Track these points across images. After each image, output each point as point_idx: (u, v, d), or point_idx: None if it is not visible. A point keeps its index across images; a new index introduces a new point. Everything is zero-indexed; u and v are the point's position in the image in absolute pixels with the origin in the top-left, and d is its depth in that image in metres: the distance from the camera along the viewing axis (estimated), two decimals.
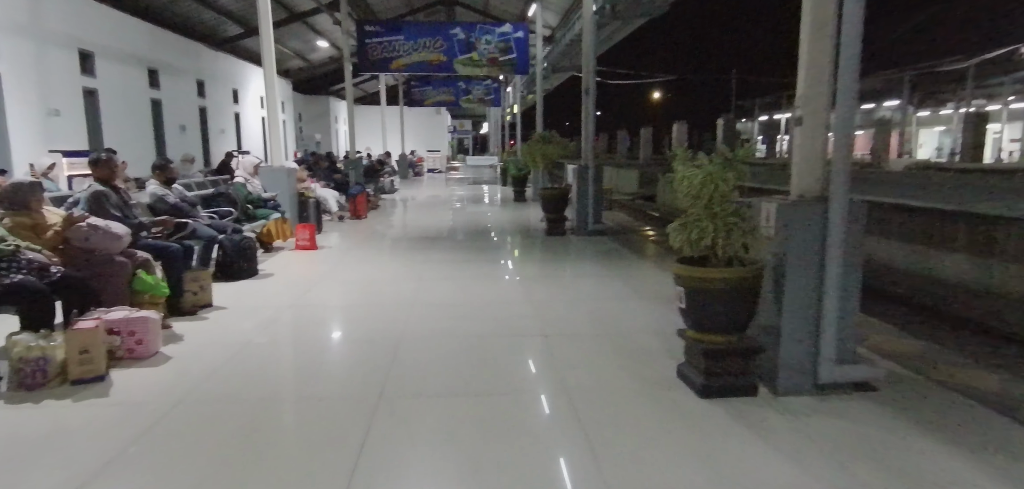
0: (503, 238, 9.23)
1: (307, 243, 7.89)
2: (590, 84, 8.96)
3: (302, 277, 6.34)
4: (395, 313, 4.92)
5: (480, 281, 6.22)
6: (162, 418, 2.97)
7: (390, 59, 14.77)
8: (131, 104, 10.51)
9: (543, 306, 5.15)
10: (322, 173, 12.57)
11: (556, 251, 8.02)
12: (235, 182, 7.70)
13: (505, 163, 20.64)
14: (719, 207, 3.13)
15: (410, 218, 12.25)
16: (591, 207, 9.04)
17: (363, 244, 8.70)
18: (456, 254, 7.88)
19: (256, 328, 4.52)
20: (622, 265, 7.00)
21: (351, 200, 11.39)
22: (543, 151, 8.93)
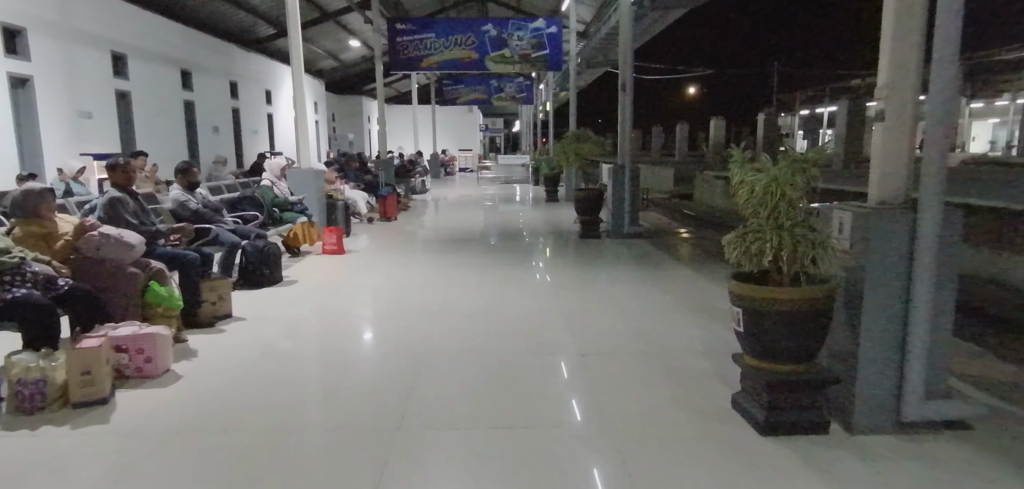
0: (535, 240, 8.87)
1: (334, 247, 7.68)
2: (627, 79, 8.52)
3: (326, 284, 6.10)
4: (420, 325, 4.62)
5: (510, 287, 5.88)
6: (157, 449, 2.72)
7: (421, 57, 14.57)
8: (164, 106, 10.53)
9: (578, 318, 4.77)
10: (352, 174, 12.42)
11: (590, 255, 7.62)
12: (261, 185, 7.54)
13: (537, 162, 20.26)
14: (786, 217, 2.70)
15: (440, 219, 12.00)
16: (627, 208, 8.60)
17: (391, 247, 8.46)
18: (486, 258, 7.55)
19: (272, 343, 4.27)
20: (662, 271, 6.56)
21: (381, 201, 11.20)
22: (577, 150, 8.53)
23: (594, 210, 8.74)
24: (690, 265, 6.88)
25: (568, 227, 10.01)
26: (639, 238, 8.63)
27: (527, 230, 9.99)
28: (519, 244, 8.66)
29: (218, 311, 4.71)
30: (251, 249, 5.81)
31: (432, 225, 11.16)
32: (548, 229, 10.07)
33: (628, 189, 8.57)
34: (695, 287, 5.81)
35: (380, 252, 8.08)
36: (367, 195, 11.46)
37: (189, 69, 11.37)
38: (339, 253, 7.67)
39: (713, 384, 3.40)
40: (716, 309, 4.92)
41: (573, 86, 14.35)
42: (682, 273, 6.47)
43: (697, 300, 5.26)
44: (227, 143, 12.99)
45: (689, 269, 6.65)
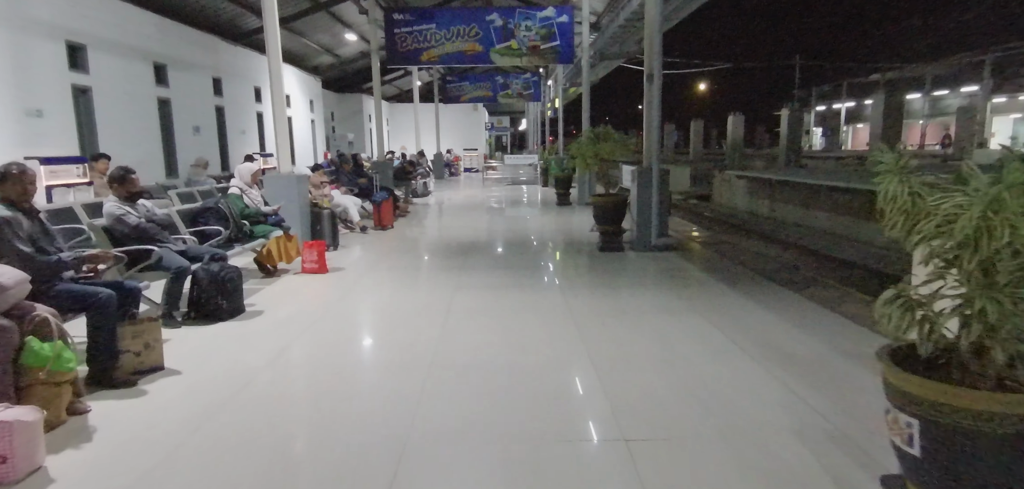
0: (549, 254, 7.75)
1: (315, 265, 6.59)
2: (654, 68, 7.38)
3: (296, 316, 5.01)
4: (406, 385, 3.51)
5: (524, 319, 4.77)
6: None
7: (421, 50, 13.48)
8: (133, 103, 9.47)
9: (614, 369, 3.65)
10: (346, 178, 11.34)
11: (616, 274, 6.50)
12: (229, 194, 6.46)
13: (546, 161, 19.13)
14: (1008, 272, 1.57)
15: (442, 227, 10.90)
16: (655, 217, 7.47)
17: (383, 263, 7.36)
18: (493, 276, 6.44)
19: (206, 411, 3.17)
20: (706, 296, 5.43)
21: (375, 208, 10.11)
22: (596, 150, 7.41)
23: (616, 219, 7.62)
24: (737, 286, 5.74)
25: (584, 237, 8.89)
26: (669, 251, 7.50)
27: (539, 240, 8.87)
28: (531, 259, 7.54)
29: (144, 362, 3.63)
30: (204, 274, 4.73)
31: (432, 234, 10.06)
32: (562, 239, 8.95)
33: (656, 195, 7.44)
34: (752, 318, 4.68)
35: (370, 270, 6.98)
36: (360, 201, 10.38)
37: (164, 63, 10.31)
38: (321, 272, 6.58)
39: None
40: (787, 354, 3.80)
41: (586, 80, 13.21)
42: (731, 298, 5.33)
43: (759, 337, 4.14)
44: (210, 144, 11.94)
45: (738, 293, 5.51)
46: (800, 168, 20.23)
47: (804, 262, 9.85)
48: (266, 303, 5.35)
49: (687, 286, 5.82)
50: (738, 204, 18.01)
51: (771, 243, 11.66)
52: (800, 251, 10.63)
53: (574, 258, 7.49)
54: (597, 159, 7.53)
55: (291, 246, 6.61)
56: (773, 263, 8.37)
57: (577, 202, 13.47)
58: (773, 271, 6.75)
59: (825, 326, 4.43)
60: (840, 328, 4.35)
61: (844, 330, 4.30)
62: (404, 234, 9.75)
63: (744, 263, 7.07)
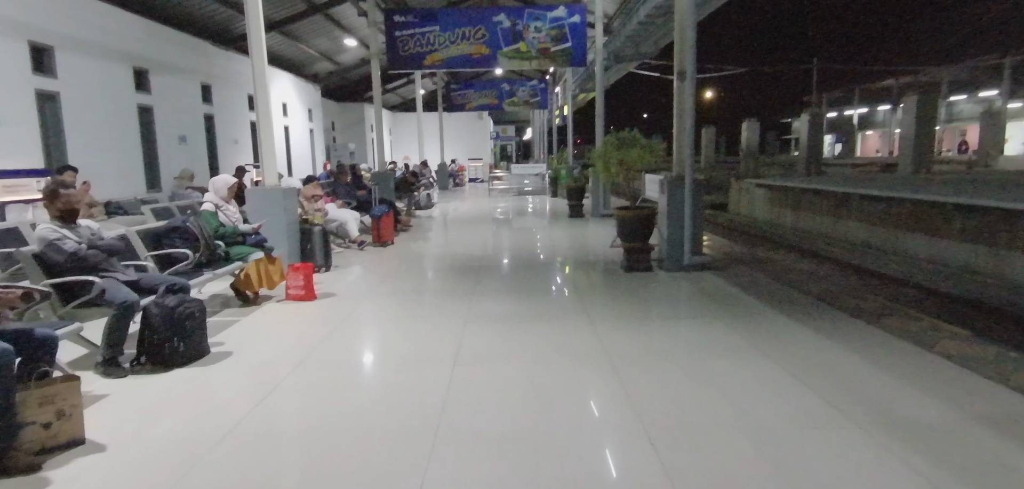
0: (569, 276, 6.86)
1: (301, 291, 5.72)
2: (686, 63, 6.51)
3: (270, 361, 4.12)
4: (403, 467, 2.62)
5: (549, 364, 3.87)
6: None
7: (424, 54, 12.65)
8: (109, 111, 8.67)
9: (676, 448, 2.74)
10: (343, 190, 10.50)
11: (650, 300, 5.59)
12: (202, 211, 5.60)
13: (555, 171, 18.27)
14: None
15: (448, 243, 10.02)
16: (689, 233, 6.57)
17: (381, 287, 6.48)
18: (507, 305, 5.55)
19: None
20: (766, 330, 4.51)
21: (375, 222, 9.25)
22: (621, 157, 6.53)
23: (643, 235, 6.72)
24: (799, 316, 4.82)
25: (604, 253, 8.00)
26: (704, 271, 6.60)
27: (555, 258, 7.98)
28: (549, 280, 6.65)
29: (56, 437, 2.76)
30: (157, 310, 3.86)
31: (437, 251, 9.18)
32: (581, 256, 8.06)
33: (690, 207, 6.54)
34: (836, 363, 3.77)
35: (365, 297, 6.09)
36: (359, 215, 9.52)
37: (145, 67, 9.51)
38: (308, 299, 5.71)
39: None
40: (904, 421, 2.89)
41: (601, 82, 12.34)
42: (798, 334, 4.42)
43: (855, 392, 3.23)
44: (198, 155, 11.14)
45: (804, 326, 4.60)
46: (820, 175, 19.31)
47: (850, 279, 8.91)
48: (238, 342, 4.47)
49: (738, 316, 4.91)
50: (757, 214, 17.08)
51: (807, 256, 10.71)
52: (840, 266, 9.68)
53: (598, 279, 6.59)
54: (622, 167, 6.64)
55: (274, 270, 5.75)
56: (826, 283, 7.45)
57: (591, 213, 12.59)
58: (833, 294, 5.84)
59: (934, 375, 3.51)
60: (957, 379, 3.43)
61: (962, 381, 3.38)
62: (406, 251, 8.88)
63: (794, 284, 6.16)
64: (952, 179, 14.39)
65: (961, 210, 9.25)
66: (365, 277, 7.02)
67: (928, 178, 14.04)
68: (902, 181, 13.74)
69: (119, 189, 8.37)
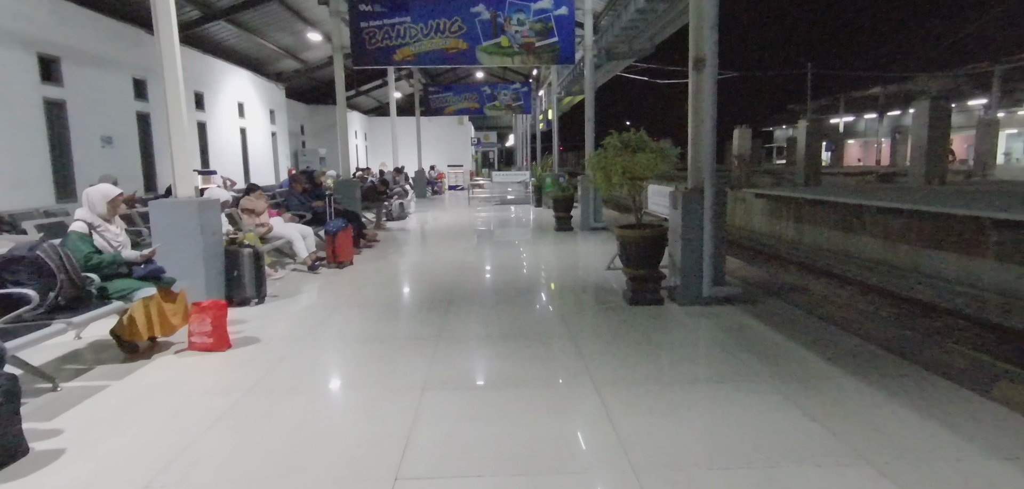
0: (559, 311, 5.54)
1: (209, 340, 4.32)
2: (706, 49, 5.26)
3: (123, 467, 2.73)
4: None
5: (537, 477, 2.54)
6: None
7: (393, 48, 11.30)
8: (2, 105, 7.16)
9: None
10: (296, 201, 9.08)
11: (671, 350, 4.29)
12: (69, 233, 4.18)
13: (539, 179, 17.00)
14: None
15: (416, 263, 8.65)
16: (709, 259, 5.31)
17: (318, 331, 5.08)
18: (483, 359, 4.21)
19: None
20: (831, 398, 3.24)
21: (329, 240, 7.84)
22: (626, 165, 5.23)
23: (652, 259, 5.44)
24: (877, 380, 3.56)
25: (600, 277, 6.72)
26: (727, 304, 5.34)
27: (542, 285, 6.66)
28: (534, 319, 5.32)
29: None
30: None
31: (402, 274, 7.81)
32: (572, 281, 6.75)
33: (711, 227, 5.28)
34: (970, 470, 2.49)
35: (294, 344, 4.69)
36: (311, 230, 8.12)
37: (55, 55, 8.01)
38: (218, 348, 4.32)
39: None
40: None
41: (590, 83, 11.09)
42: (888, 410, 3.14)
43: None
44: (128, 159, 9.63)
45: (890, 396, 3.32)
46: (817, 184, 18.32)
47: (907, 313, 7.74)
48: (82, 429, 3.07)
49: (790, 376, 3.64)
50: (756, 226, 15.99)
51: (825, 277, 9.52)
52: (862, 288, 8.50)
53: (596, 318, 5.27)
54: (625, 177, 5.35)
55: (173, 309, 4.34)
56: (881, 321, 6.22)
57: (580, 227, 11.32)
58: (904, 343, 4.59)
59: None
60: None
61: None
62: (365, 274, 7.49)
63: (846, 325, 4.91)
64: (969, 191, 13.40)
65: (1001, 226, 8.15)
66: (304, 313, 5.63)
67: (941, 189, 13.03)
68: (917, 193, 12.69)
69: (10, 199, 6.87)
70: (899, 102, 39.40)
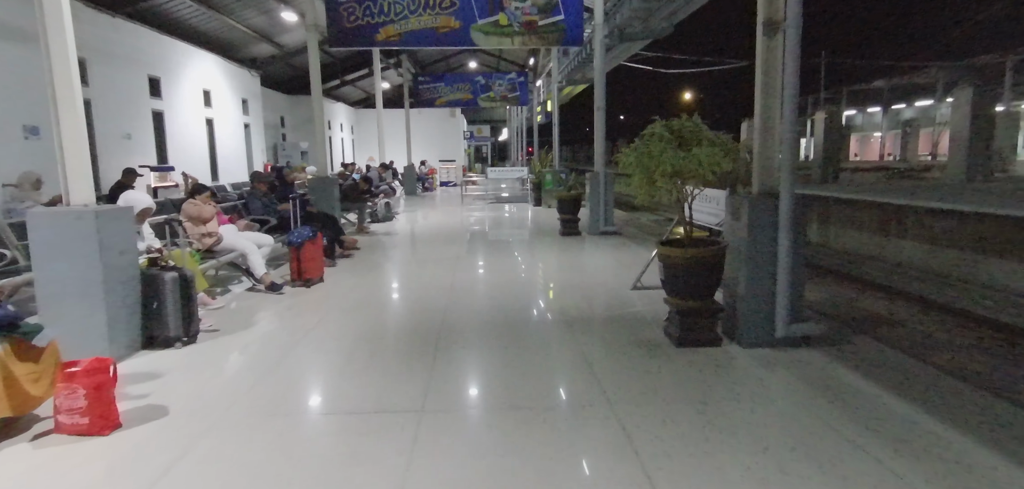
0: (588, 356, 4.18)
1: (83, 419, 2.94)
2: (784, 9, 3.92)
3: None
4: None
5: None
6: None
7: (376, 27, 9.90)
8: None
9: None
10: (257, 204, 7.67)
11: (749, 427, 2.94)
12: None
13: (539, 176, 15.64)
14: None
15: (399, 281, 7.28)
16: (786, 289, 3.97)
17: (253, 394, 3.68)
18: (487, 452, 2.85)
19: None
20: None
21: (293, 253, 6.44)
22: (678, 163, 3.85)
23: (707, 288, 4.11)
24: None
25: (626, 299, 5.39)
26: (805, 345, 4.02)
27: (555, 311, 5.30)
28: (550, 368, 3.96)
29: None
30: None
31: (380, 296, 6.44)
32: (594, 306, 5.40)
33: (787, 246, 3.94)
34: None
35: (214, 422, 3.29)
36: (271, 240, 6.74)
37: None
38: (99, 431, 2.94)
39: None
40: None
41: (600, 68, 9.71)
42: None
43: None
44: None
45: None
46: (835, 181, 17.08)
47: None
48: None
49: (939, 473, 2.32)
50: None
51: (893, 297, 8.17)
52: (953, 313, 7.17)
53: (639, 370, 3.92)
54: (674, 179, 3.99)
55: (34, 374, 2.97)
56: (992, 359, 4.90)
57: (589, 231, 9.98)
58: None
59: None
60: None
61: None
62: (335, 297, 6.11)
63: (968, 375, 3.60)
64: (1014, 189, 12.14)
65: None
66: (243, 363, 4.24)
67: (988, 187, 11.76)
68: (970, 192, 11.40)
69: None
70: (902, 95, 38.40)
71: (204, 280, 4.80)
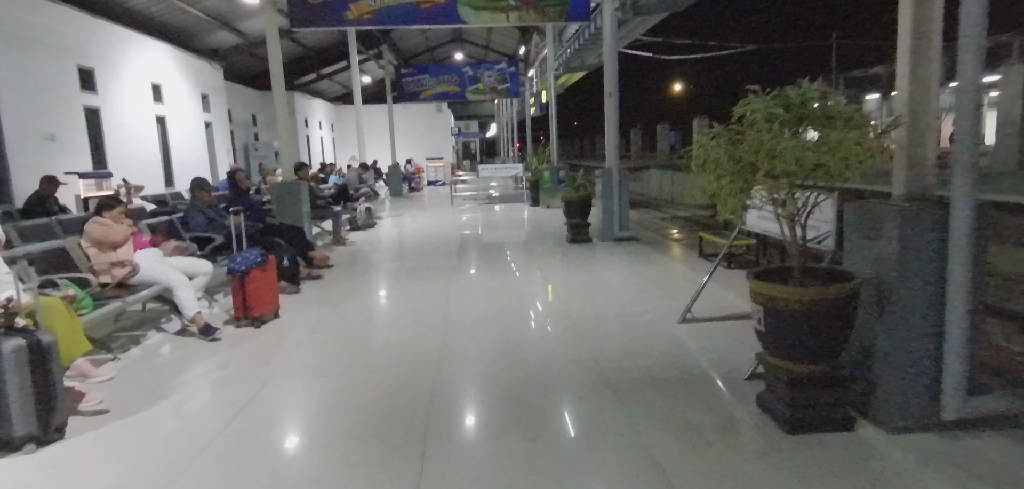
0: (643, 440, 2.74)
1: None
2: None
3: None
4: None
5: None
6: None
7: (345, 2, 8.38)
8: None
9: None
10: (200, 218, 6.16)
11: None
12: None
13: (535, 173, 14.19)
14: None
15: (379, 310, 5.83)
16: (958, 347, 2.56)
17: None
18: None
19: None
20: None
21: (236, 284, 4.94)
22: (803, 154, 2.41)
23: (832, 342, 2.69)
24: None
25: (676, 337, 3.97)
26: (987, 427, 2.62)
27: (588, 363, 3.84)
28: (605, 478, 2.51)
29: None
30: None
31: (353, 341, 4.96)
32: (642, 358, 3.94)
33: (965, 278, 2.52)
34: None
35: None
36: (211, 267, 5.24)
37: None
38: None
39: None
40: None
41: (611, 44, 8.27)
42: None
43: None
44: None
45: None
46: None
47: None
48: None
49: None
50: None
51: None
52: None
53: (734, 470, 2.50)
54: (792, 179, 2.56)
55: None
56: None
57: (601, 237, 8.56)
58: None
59: None
60: None
61: None
62: (289, 346, 4.63)
63: None
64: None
65: None
66: (123, 483, 2.75)
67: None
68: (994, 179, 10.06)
69: None
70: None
71: (85, 340, 3.31)
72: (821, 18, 65.07)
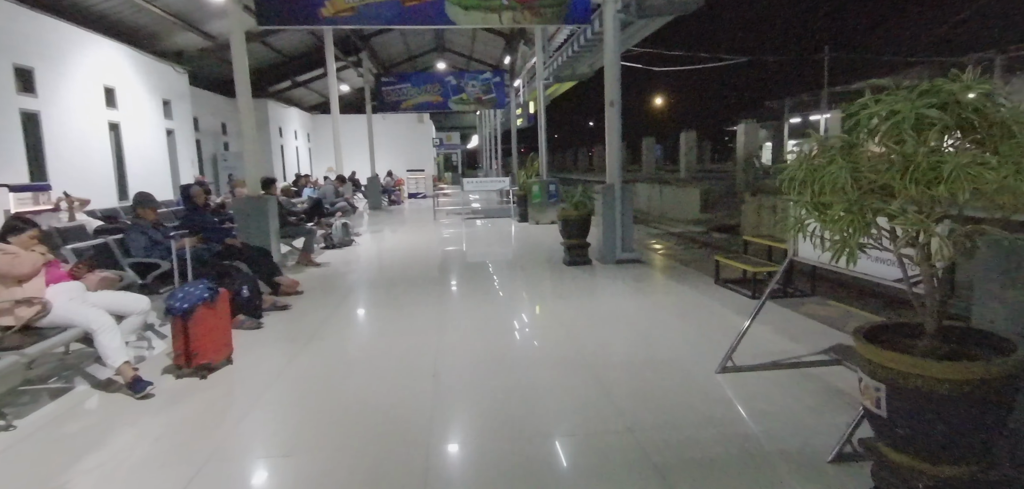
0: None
1: None
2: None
3: None
4: None
5: None
6: None
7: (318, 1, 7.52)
8: None
9: None
10: (141, 241, 5.21)
11: None
12: None
13: (524, 187, 13.39)
14: None
15: (354, 354, 4.95)
16: None
17: None
18: None
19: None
20: None
21: (179, 325, 4.01)
22: (971, 167, 1.70)
23: (986, 435, 1.91)
24: None
25: (719, 396, 3.17)
26: None
27: (620, 434, 3.02)
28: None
29: None
30: None
31: (319, 401, 4.07)
32: (687, 425, 3.12)
33: None
34: None
35: None
36: (147, 302, 4.31)
37: None
38: None
39: None
40: None
41: (613, 47, 7.54)
42: None
43: None
44: None
45: None
46: None
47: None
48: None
49: None
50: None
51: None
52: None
53: None
54: (961, 203, 1.80)
55: None
56: None
57: (601, 259, 7.78)
58: None
59: None
60: None
61: None
62: (239, 407, 3.74)
63: None
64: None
65: None
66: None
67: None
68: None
69: None
70: None
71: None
72: (813, 32, 65.69)
